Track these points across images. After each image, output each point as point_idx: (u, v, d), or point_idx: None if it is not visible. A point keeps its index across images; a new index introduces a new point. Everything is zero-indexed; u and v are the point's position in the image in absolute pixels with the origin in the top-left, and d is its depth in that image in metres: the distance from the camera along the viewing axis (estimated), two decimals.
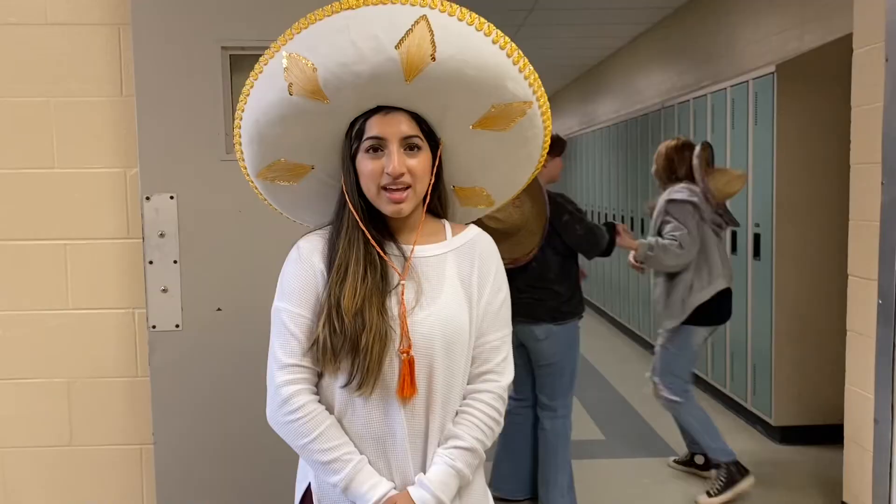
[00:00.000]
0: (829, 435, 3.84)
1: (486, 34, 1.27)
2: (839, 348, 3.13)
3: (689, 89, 5.80)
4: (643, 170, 6.09)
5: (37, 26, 2.22)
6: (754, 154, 4.19)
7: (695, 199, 3.34)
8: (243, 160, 1.44)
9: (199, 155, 2.16)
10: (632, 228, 6.46)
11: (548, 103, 1.40)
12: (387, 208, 1.34)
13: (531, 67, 1.33)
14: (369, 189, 1.34)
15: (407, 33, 1.23)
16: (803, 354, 4.06)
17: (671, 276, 3.40)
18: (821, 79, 3.93)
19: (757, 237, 4.18)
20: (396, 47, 1.23)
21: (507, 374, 1.42)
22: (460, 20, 1.26)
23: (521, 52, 1.31)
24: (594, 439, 4.31)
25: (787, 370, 4.07)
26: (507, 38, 1.30)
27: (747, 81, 4.25)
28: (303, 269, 1.36)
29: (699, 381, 5.06)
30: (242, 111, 1.38)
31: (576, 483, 3.17)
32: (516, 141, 1.40)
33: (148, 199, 2.16)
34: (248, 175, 1.47)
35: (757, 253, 4.19)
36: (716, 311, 3.39)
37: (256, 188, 1.49)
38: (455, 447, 1.35)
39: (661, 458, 3.96)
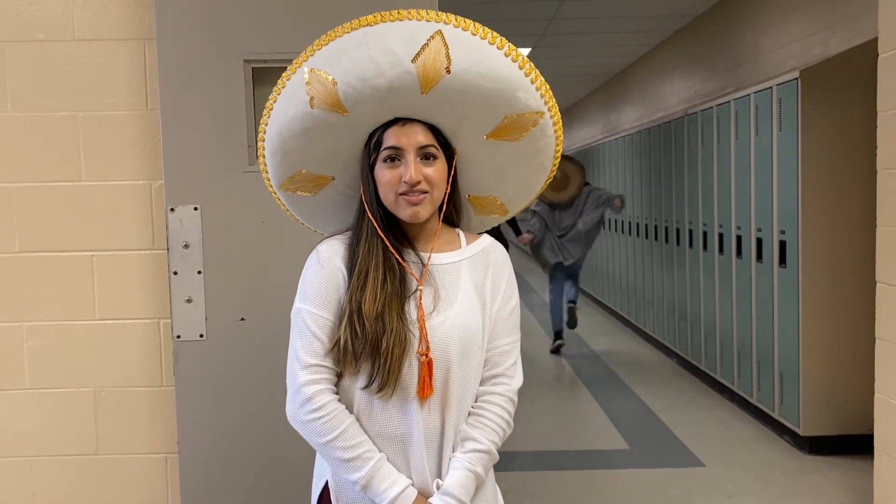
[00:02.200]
0: (859, 445, 3.78)
1: (498, 47, 1.33)
2: (868, 356, 3.08)
3: (713, 96, 5.76)
4: (666, 177, 6.05)
5: (64, 42, 2.27)
6: (779, 160, 4.15)
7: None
8: (266, 172, 1.49)
9: (222, 167, 2.18)
10: (655, 236, 6.43)
11: (559, 114, 1.45)
12: (405, 212, 1.38)
13: (542, 79, 1.38)
14: (387, 197, 1.39)
15: (423, 48, 1.29)
16: (832, 363, 4.00)
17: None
18: (846, 84, 3.89)
19: (783, 244, 4.14)
20: (413, 61, 1.29)
21: (517, 378, 1.48)
22: (474, 34, 1.32)
23: (532, 64, 1.36)
24: (618, 449, 4.27)
25: (815, 379, 4.01)
26: (518, 51, 1.35)
27: (771, 87, 4.21)
28: (325, 273, 1.40)
29: (725, 390, 5.01)
30: (266, 125, 1.43)
31: (599, 493, 3.15)
32: (529, 150, 1.45)
33: (172, 210, 2.19)
34: (270, 186, 1.52)
35: (783, 260, 4.14)
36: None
37: (279, 199, 1.55)
38: (473, 450, 1.39)
39: (686, 469, 3.92)
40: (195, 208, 2.19)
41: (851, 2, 4.19)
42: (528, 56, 1.45)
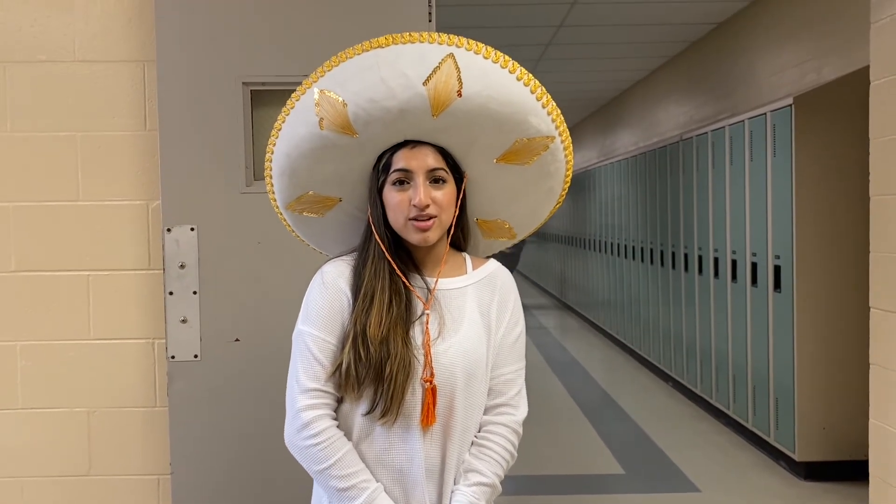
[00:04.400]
0: (854, 471, 3.77)
1: (510, 71, 1.33)
2: (863, 382, 3.08)
3: (708, 121, 5.81)
4: (662, 202, 6.08)
5: (65, 63, 2.29)
6: (773, 186, 4.18)
7: None
8: (273, 193, 1.48)
9: (219, 188, 2.19)
10: (651, 260, 6.45)
11: (570, 138, 1.44)
12: (413, 237, 1.36)
13: (554, 103, 1.37)
14: (396, 220, 1.37)
15: (434, 70, 1.28)
16: (827, 388, 4.00)
17: None
18: (839, 110, 3.93)
19: (777, 269, 4.15)
20: (424, 83, 1.28)
21: (522, 408, 1.46)
22: (486, 58, 1.32)
23: (544, 88, 1.35)
24: (613, 474, 4.25)
25: (810, 404, 4.01)
26: (530, 75, 1.34)
27: (765, 114, 4.26)
28: (329, 295, 1.37)
29: (720, 415, 5.00)
30: (274, 145, 1.42)
31: None
32: (539, 175, 1.44)
33: (169, 230, 2.19)
34: (277, 207, 1.51)
35: (777, 285, 4.15)
36: None
37: (285, 220, 1.53)
38: (477, 483, 1.37)
39: (682, 494, 3.90)
40: (192, 229, 2.20)
41: (844, 31, 4.24)
42: None
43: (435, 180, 1.36)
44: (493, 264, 1.49)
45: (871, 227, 2.96)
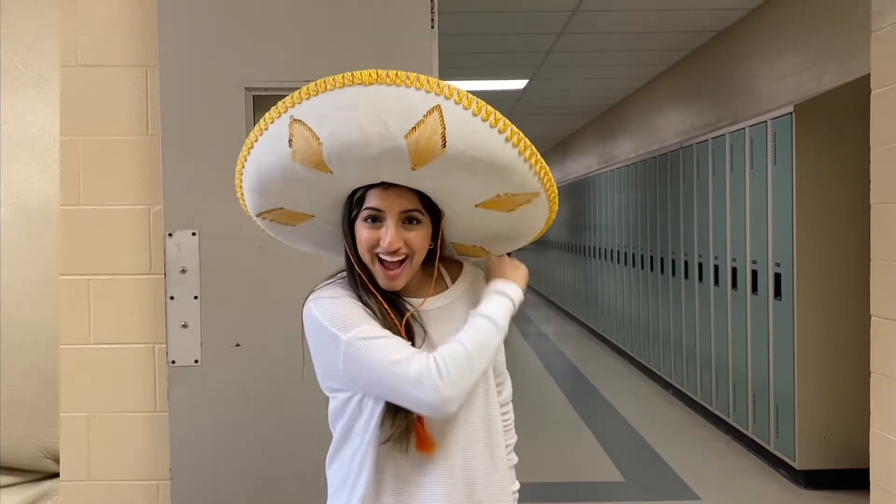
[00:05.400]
0: (855, 479, 3.76)
1: (500, 131, 1.23)
2: (864, 390, 3.08)
3: (708, 129, 5.82)
4: (662, 209, 6.09)
5: (67, 68, 2.29)
6: (774, 194, 4.19)
7: None
8: (244, 202, 1.45)
9: (221, 192, 2.19)
10: (651, 267, 6.44)
11: (556, 189, 1.37)
12: (380, 278, 1.33)
13: (542, 162, 1.31)
14: (364, 255, 1.33)
15: (418, 123, 1.18)
16: (827, 396, 3.99)
17: None
18: (840, 118, 3.94)
19: (777, 277, 4.15)
20: (406, 137, 1.19)
21: (508, 376, 1.54)
22: (475, 115, 1.21)
23: (533, 148, 1.28)
24: (613, 481, 4.24)
25: (810, 412, 4.00)
26: (520, 133, 1.26)
27: (766, 121, 4.26)
28: (345, 300, 1.33)
29: (720, 423, 4.99)
30: (245, 160, 1.36)
31: None
32: (521, 219, 1.40)
33: (170, 235, 2.19)
34: (248, 212, 1.47)
35: (778, 293, 4.15)
36: None
37: (257, 221, 1.50)
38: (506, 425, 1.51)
39: (681, 501, 3.89)
40: (193, 233, 2.20)
41: (844, 39, 4.25)
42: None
43: (409, 220, 1.31)
44: (470, 271, 1.47)
45: (872, 234, 2.96)
